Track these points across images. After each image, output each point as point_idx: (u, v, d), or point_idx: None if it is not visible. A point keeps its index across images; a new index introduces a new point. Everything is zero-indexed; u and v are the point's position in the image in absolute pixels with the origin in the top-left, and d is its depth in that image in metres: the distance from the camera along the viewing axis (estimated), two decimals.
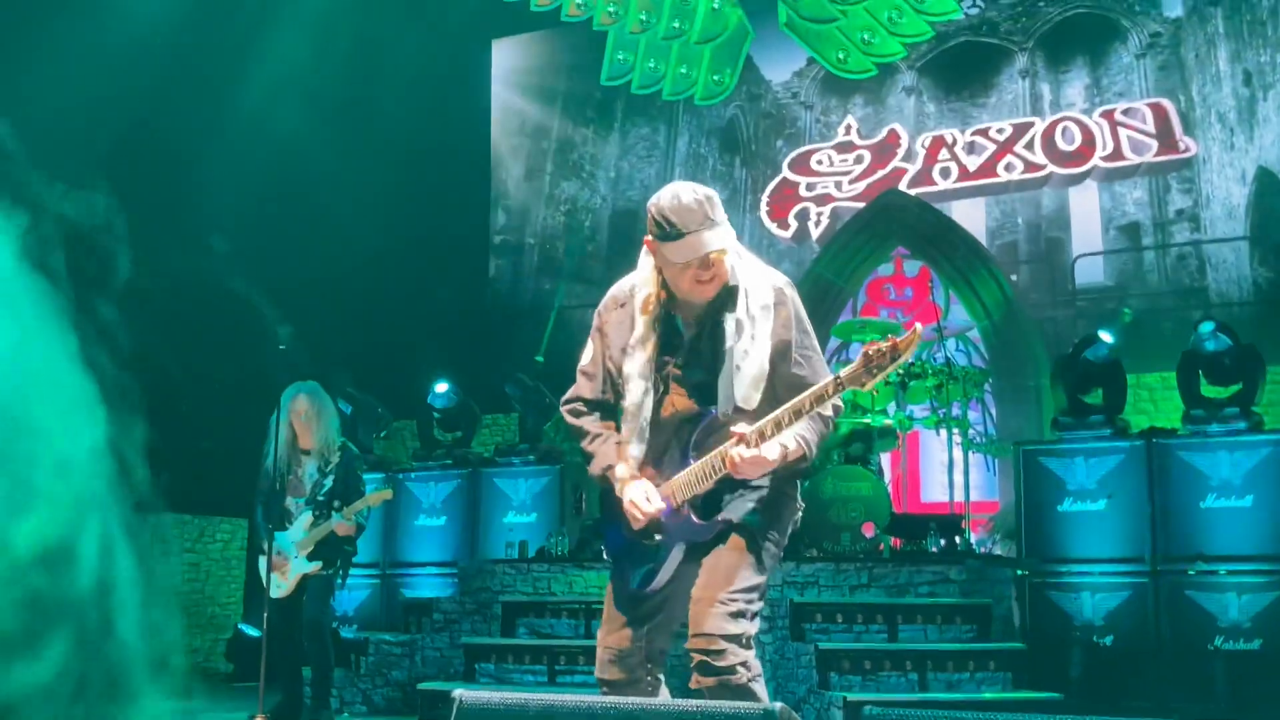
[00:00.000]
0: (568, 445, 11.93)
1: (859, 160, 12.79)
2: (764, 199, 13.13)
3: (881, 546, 8.25)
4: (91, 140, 11.16)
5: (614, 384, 3.72)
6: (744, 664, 3.52)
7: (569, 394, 3.84)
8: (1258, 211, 11.13)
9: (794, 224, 12.94)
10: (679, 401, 3.60)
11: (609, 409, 3.76)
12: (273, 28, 12.39)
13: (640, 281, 3.68)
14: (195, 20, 11.81)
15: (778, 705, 2.61)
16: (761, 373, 3.50)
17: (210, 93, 12.21)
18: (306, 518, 7.00)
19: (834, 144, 12.96)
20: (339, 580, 7.23)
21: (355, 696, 8.14)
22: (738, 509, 3.57)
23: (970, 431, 9.68)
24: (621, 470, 3.62)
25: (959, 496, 9.26)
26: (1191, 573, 8.03)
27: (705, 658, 3.49)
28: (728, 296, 3.56)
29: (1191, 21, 11.74)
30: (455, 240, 13.68)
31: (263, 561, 6.90)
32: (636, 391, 3.60)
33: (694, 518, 3.53)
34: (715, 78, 12.91)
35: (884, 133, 12.75)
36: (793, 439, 3.45)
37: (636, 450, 3.61)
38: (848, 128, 12.93)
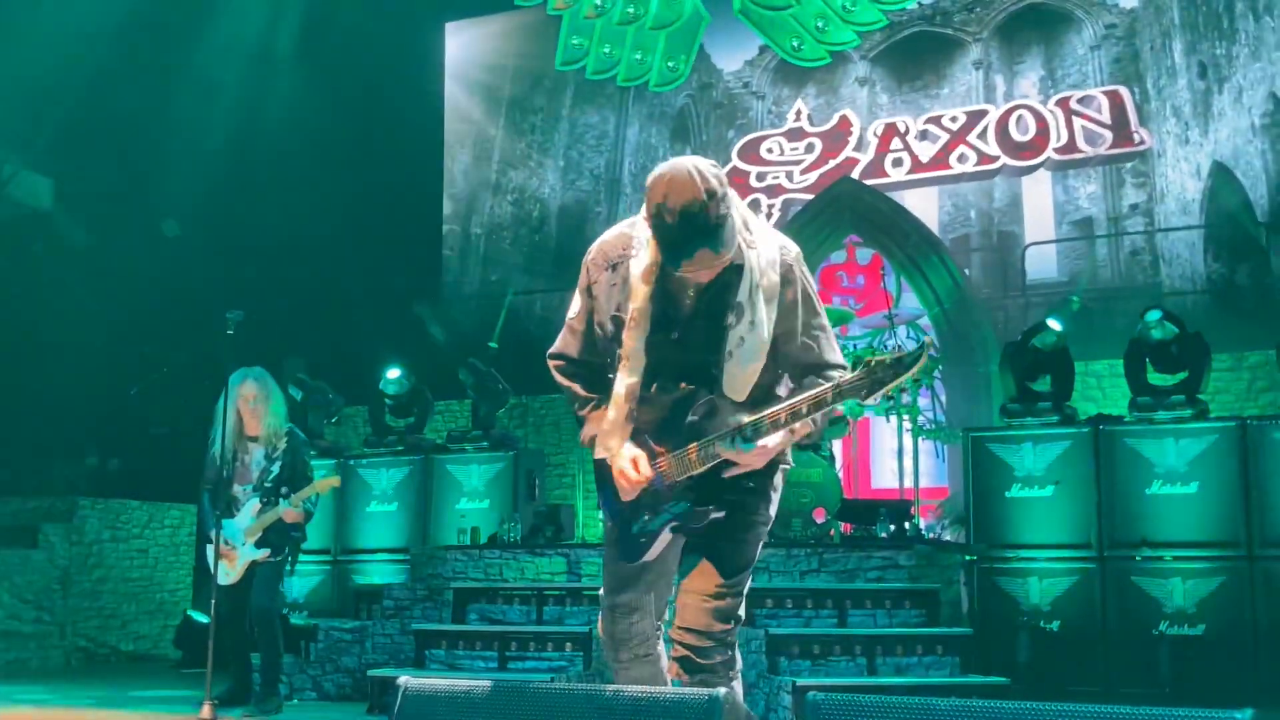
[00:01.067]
0: (521, 432, 11.93)
1: (810, 149, 12.71)
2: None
3: (832, 532, 8.30)
4: (39, 124, 11.02)
5: (604, 346, 3.54)
6: (725, 662, 3.50)
7: (555, 348, 3.69)
8: (1212, 206, 11.06)
9: None
10: (674, 379, 3.43)
11: (596, 371, 3.60)
12: (223, 8, 12.27)
13: (639, 242, 3.47)
14: (143, 1, 11.69)
15: (721, 690, 2.61)
16: (757, 363, 3.35)
17: (160, 77, 12.09)
18: (254, 504, 6.96)
19: (784, 130, 12.88)
20: (288, 567, 7.20)
21: (305, 683, 8.11)
22: (730, 491, 3.44)
23: (920, 418, 9.75)
24: (613, 440, 3.48)
25: (909, 483, 9.33)
26: (1137, 559, 8.13)
27: (690, 654, 3.47)
28: (731, 274, 3.34)
29: (1147, 12, 11.65)
30: (408, 225, 13.61)
31: (210, 549, 6.86)
32: (630, 356, 3.41)
33: (684, 500, 3.42)
34: (670, 64, 12.89)
35: (835, 119, 12.67)
36: (799, 421, 3.30)
37: (625, 429, 3.45)
38: (798, 113, 12.84)
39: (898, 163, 12.30)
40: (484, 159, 14.25)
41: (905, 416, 9.36)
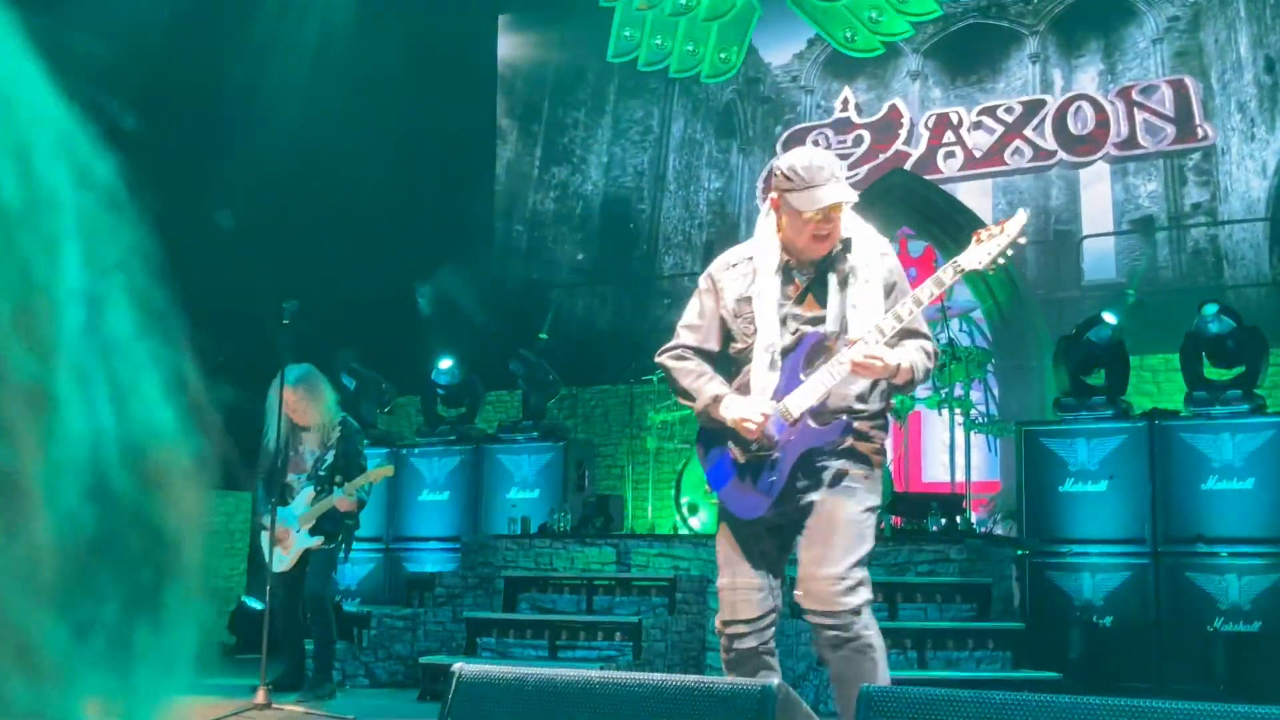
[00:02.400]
0: (571, 423, 11.97)
1: (858, 142, 12.41)
2: (759, 185, 12.67)
3: (882, 525, 8.28)
4: (96, 115, 11.14)
5: (728, 333, 3.95)
6: (865, 627, 3.74)
7: (668, 345, 4.08)
8: (1278, 205, 10.60)
9: None
10: (794, 333, 3.84)
11: (711, 357, 3.99)
12: (279, 4, 12.37)
13: (759, 243, 3.96)
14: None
15: (775, 681, 2.62)
16: (876, 310, 3.78)
17: (215, 71, 12.20)
18: (308, 493, 7.05)
19: (831, 122, 12.57)
20: (341, 554, 7.28)
21: (358, 669, 8.19)
22: (846, 439, 3.76)
23: (972, 412, 9.68)
24: (730, 397, 3.84)
25: (960, 477, 9.27)
26: (1193, 554, 8.05)
27: (834, 632, 3.72)
28: (842, 247, 3.86)
29: (1211, 4, 11.16)
30: (460, 216, 13.63)
31: (264, 536, 6.95)
32: (766, 324, 3.83)
33: (812, 424, 3.71)
34: (722, 55, 12.84)
35: (885, 109, 12.38)
36: (907, 359, 3.71)
37: (770, 379, 3.81)
38: (844, 102, 12.54)
39: (950, 156, 11.99)
40: (527, 154, 14.15)
41: (957, 410, 9.31)
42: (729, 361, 3.98)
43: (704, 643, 7.35)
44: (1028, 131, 11.66)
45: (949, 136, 12.04)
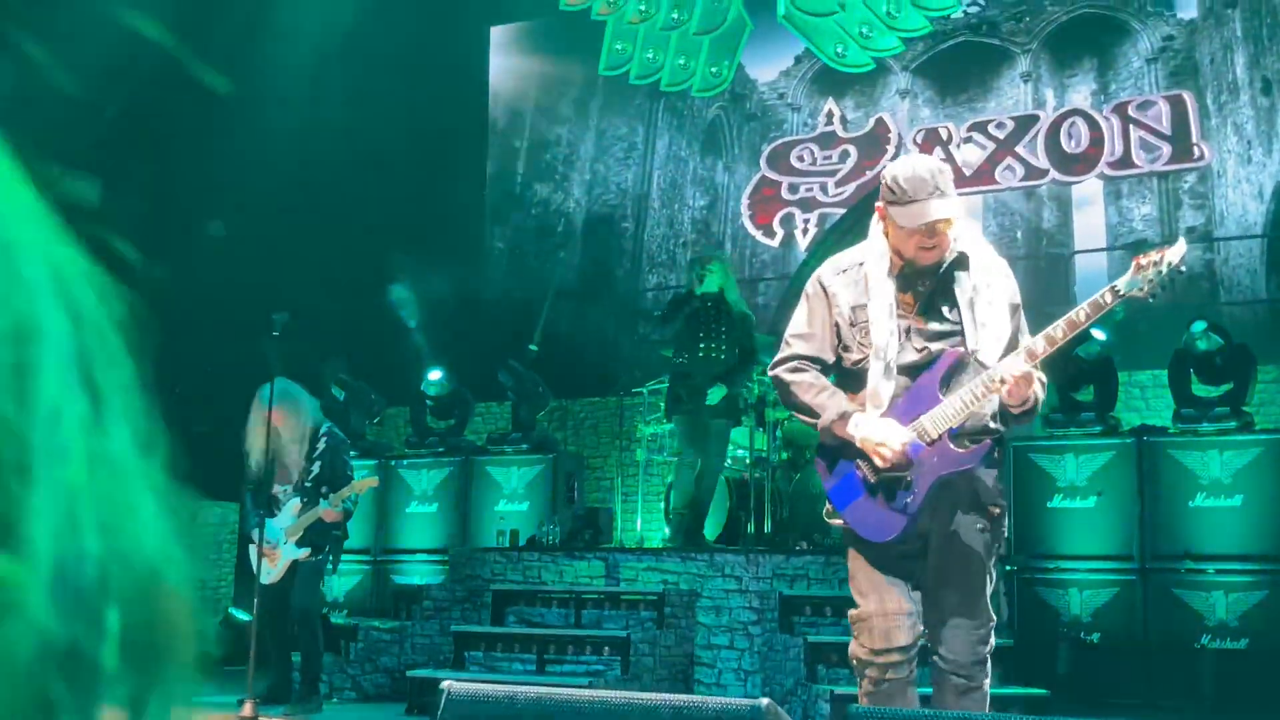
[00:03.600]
0: (560, 435, 11.96)
1: (844, 157, 12.23)
2: (744, 200, 12.58)
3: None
4: (87, 122, 11.13)
5: (839, 341, 3.83)
6: (987, 676, 3.71)
7: (781, 356, 3.93)
8: (1275, 231, 10.32)
9: (780, 231, 12.36)
10: (919, 349, 3.72)
11: (826, 366, 3.88)
12: (270, 14, 12.36)
13: (870, 248, 3.84)
14: (191, 4, 11.79)
15: (764, 701, 2.62)
16: (1003, 330, 3.70)
17: (204, 80, 12.17)
18: (294, 504, 7.05)
19: (815, 135, 12.40)
20: (329, 566, 7.27)
21: (345, 682, 8.16)
22: (984, 468, 3.71)
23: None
24: (858, 415, 3.70)
25: None
26: (1181, 571, 8.07)
27: (962, 680, 3.66)
28: (959, 259, 3.74)
29: (1207, 24, 10.92)
30: (450, 228, 13.61)
31: (252, 549, 6.96)
32: (883, 332, 3.71)
33: (952, 446, 3.62)
34: (713, 69, 12.86)
35: (871, 123, 12.21)
36: (1040, 384, 3.66)
37: (886, 389, 3.70)
38: (829, 114, 12.37)
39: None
40: (508, 170, 13.94)
41: None
42: (845, 374, 3.85)
43: (691, 657, 7.35)
44: (1019, 148, 11.48)
45: (938, 153, 11.72)
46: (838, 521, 3.85)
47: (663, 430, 9.78)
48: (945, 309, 3.72)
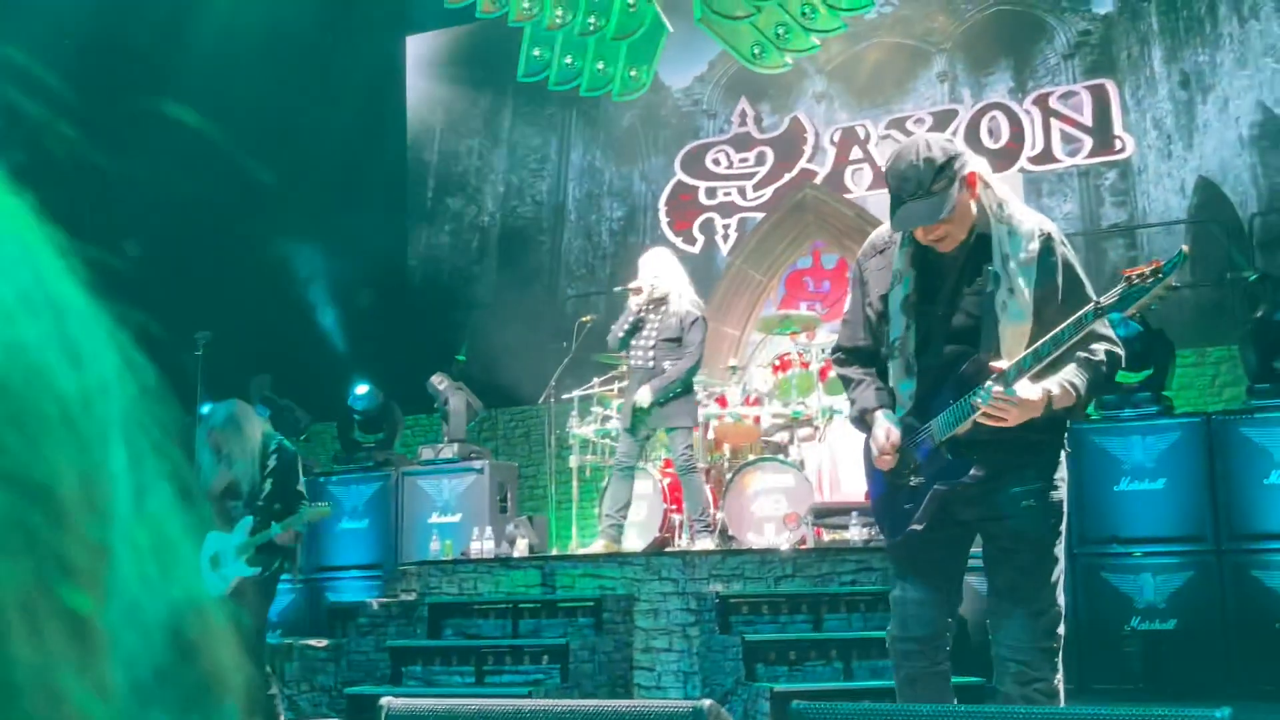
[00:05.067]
0: (492, 445, 11.91)
1: (761, 160, 12.17)
2: (661, 206, 12.47)
3: (805, 537, 8.32)
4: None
5: (874, 329, 3.72)
6: (1055, 672, 3.56)
7: (833, 346, 3.92)
8: (1198, 227, 10.29)
9: (700, 237, 12.29)
10: (945, 347, 3.56)
11: (869, 355, 3.77)
12: (184, 29, 12.20)
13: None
14: (99, 17, 11.62)
15: (706, 702, 2.62)
16: (1023, 325, 3.45)
17: (117, 95, 12.00)
18: (248, 524, 7.00)
19: (730, 137, 12.33)
20: (276, 585, 7.23)
21: (282, 704, 8.06)
22: (1009, 475, 3.51)
23: None
24: (878, 413, 3.62)
25: None
26: (1108, 554, 8.20)
27: (1022, 669, 3.53)
28: (980, 245, 3.54)
29: (1123, 18, 10.89)
30: (374, 239, 13.48)
31: (205, 560, 6.98)
32: (898, 327, 3.58)
33: (949, 457, 3.49)
34: (632, 73, 12.85)
35: (787, 123, 12.14)
36: (1058, 384, 3.39)
37: (908, 386, 3.59)
38: (743, 115, 12.31)
39: (858, 174, 11.71)
40: (419, 184, 13.73)
41: None
42: (883, 365, 3.71)
43: (631, 662, 7.34)
44: None
45: (856, 152, 11.86)
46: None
47: (598, 434, 9.77)
48: (970, 303, 3.54)
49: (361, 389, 10.73)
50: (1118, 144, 10.74)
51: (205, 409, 9.16)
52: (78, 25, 11.42)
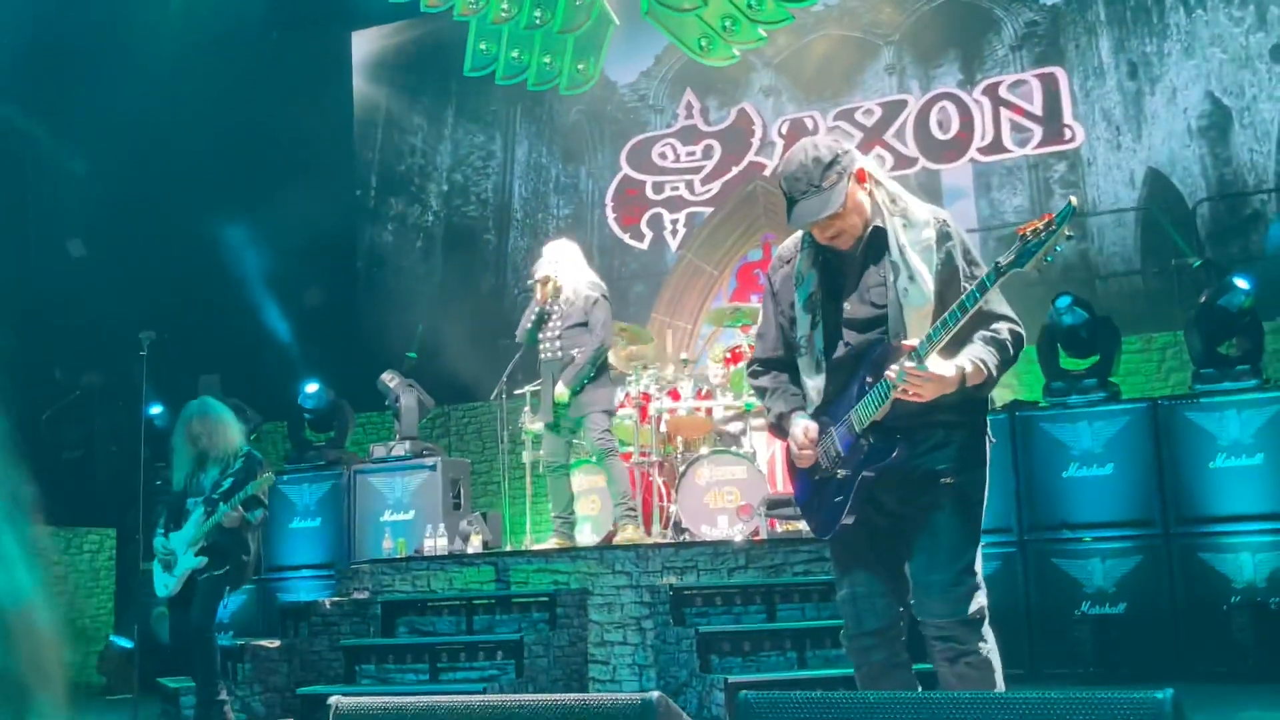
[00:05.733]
0: (444, 441, 11.86)
1: (709, 153, 12.09)
2: (607, 202, 12.37)
3: (758, 528, 8.35)
4: None
5: (787, 339, 3.77)
6: (983, 640, 3.61)
7: (747, 361, 4.01)
8: (1145, 216, 10.27)
9: (648, 232, 12.19)
10: (853, 339, 3.61)
11: (783, 365, 3.82)
12: (124, 23, 12.06)
13: (799, 237, 3.79)
14: (43, 13, 11.47)
15: (655, 694, 2.62)
16: (926, 307, 3.50)
17: (62, 91, 11.86)
18: (199, 515, 7.02)
19: (676, 130, 12.24)
20: (228, 586, 7.20)
21: (234, 705, 7.98)
22: (931, 455, 3.55)
23: None
24: (794, 415, 3.69)
25: None
26: (1058, 540, 8.28)
27: (947, 641, 3.57)
28: (876, 238, 3.61)
29: (1070, 8, 10.87)
30: (322, 237, 13.36)
31: (155, 563, 7.00)
32: (804, 325, 3.66)
33: (873, 440, 3.51)
34: (580, 67, 12.82)
35: (733, 115, 12.06)
36: (969, 360, 3.44)
37: (817, 382, 3.64)
38: (689, 107, 12.22)
39: None
40: (362, 183, 13.55)
41: None
42: (797, 371, 3.76)
43: (586, 655, 7.33)
44: (888, 136, 11.34)
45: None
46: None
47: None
48: (874, 294, 3.60)
49: (311, 387, 10.66)
50: (1067, 133, 10.74)
51: (154, 409, 9.24)
52: (19, 20, 11.26)
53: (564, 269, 8.08)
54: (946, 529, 3.59)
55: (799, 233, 3.77)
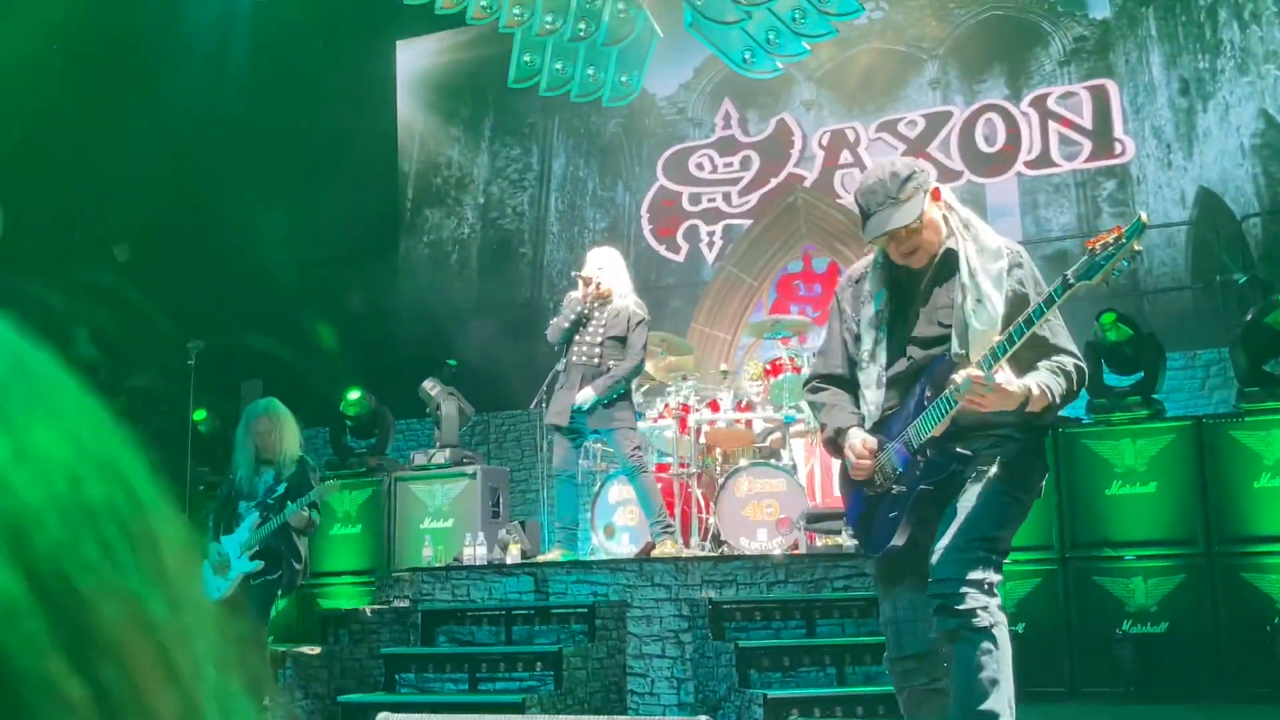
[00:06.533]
0: (484, 449, 11.90)
1: (746, 164, 11.95)
2: (643, 213, 12.27)
3: (797, 542, 8.33)
4: None
5: (850, 356, 3.84)
6: (984, 608, 3.52)
7: (807, 376, 4.06)
8: (1198, 236, 10.03)
9: (684, 245, 12.08)
10: (917, 355, 3.68)
11: (843, 383, 3.89)
12: (173, 35, 12.18)
13: (870, 256, 3.87)
14: (94, 25, 11.60)
15: (702, 718, 2.64)
16: (992, 332, 3.54)
17: (110, 101, 11.99)
18: (253, 520, 7.07)
19: (713, 141, 12.14)
20: (280, 590, 7.27)
21: (277, 715, 8.05)
22: (977, 457, 3.58)
23: None
24: (851, 429, 3.72)
25: None
26: (1100, 558, 8.22)
27: (944, 601, 3.52)
28: (948, 260, 3.68)
29: (1120, 23, 10.65)
30: (367, 243, 13.42)
31: (206, 565, 7.04)
32: (869, 340, 3.74)
33: (931, 454, 3.56)
34: (623, 79, 12.84)
35: (773, 125, 11.94)
36: (1035, 383, 3.48)
37: (877, 396, 3.70)
38: (726, 117, 12.12)
39: (848, 178, 11.33)
40: (390, 199, 13.50)
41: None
42: (858, 387, 3.82)
43: (624, 668, 7.35)
44: (932, 149, 11.13)
45: (845, 156, 11.63)
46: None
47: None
48: (941, 314, 3.66)
49: (353, 394, 10.72)
50: (1117, 147, 10.50)
51: (199, 416, 9.30)
52: (68, 29, 11.40)
53: (611, 276, 8.04)
54: (973, 505, 3.58)
55: (870, 254, 3.84)
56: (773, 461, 8.78)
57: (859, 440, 3.67)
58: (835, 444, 3.79)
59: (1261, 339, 8.55)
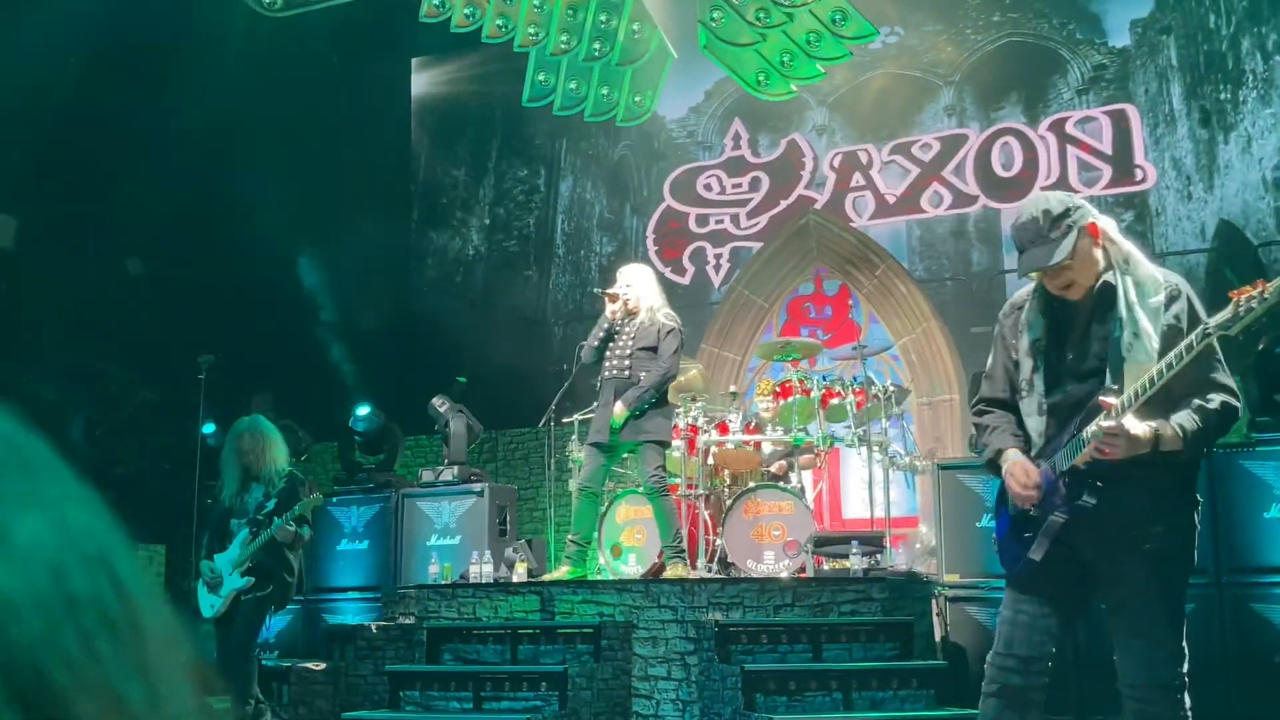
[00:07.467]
0: (491, 467, 11.88)
1: (756, 185, 11.84)
2: (649, 234, 12.17)
3: (805, 565, 8.31)
4: (2, 162, 10.94)
5: (1013, 381, 3.93)
6: (1179, 709, 3.64)
7: (975, 399, 4.15)
8: (1217, 274, 9.78)
9: (690, 267, 11.98)
10: (1073, 387, 3.76)
11: (1009, 405, 3.97)
12: (187, 50, 12.23)
13: (1033, 285, 3.94)
14: (106, 39, 11.64)
15: None
16: (1148, 366, 3.58)
17: (124, 116, 12.04)
18: (244, 536, 7.09)
19: (722, 161, 12.02)
20: (272, 606, 7.26)
21: None
22: (1126, 504, 3.60)
23: (890, 449, 9.76)
24: (1011, 453, 3.81)
25: (879, 513, 9.33)
26: (1259, 585, 8.02)
27: (1139, 704, 3.63)
28: (1105, 293, 3.74)
29: (1140, 52, 10.56)
30: (377, 259, 13.48)
31: (201, 586, 7.03)
32: (1027, 369, 3.83)
33: (1067, 485, 3.66)
34: (637, 99, 12.86)
35: (783, 146, 11.82)
36: (1170, 425, 3.53)
37: (1038, 424, 3.80)
38: (736, 138, 12.02)
39: (860, 201, 11.29)
40: (402, 217, 13.45)
41: (876, 447, 9.38)
42: (1020, 413, 3.93)
43: (630, 689, 7.32)
44: (946, 172, 11.03)
45: (857, 179, 11.54)
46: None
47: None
48: (1097, 347, 3.74)
49: (363, 410, 10.72)
50: (1138, 174, 10.36)
51: (208, 429, 9.34)
52: (82, 43, 11.45)
53: (639, 291, 8.07)
54: (1144, 585, 3.65)
55: (1032, 282, 3.91)
56: (781, 484, 8.76)
57: (1020, 468, 3.77)
58: (995, 465, 3.91)
59: (1273, 369, 8.47)
